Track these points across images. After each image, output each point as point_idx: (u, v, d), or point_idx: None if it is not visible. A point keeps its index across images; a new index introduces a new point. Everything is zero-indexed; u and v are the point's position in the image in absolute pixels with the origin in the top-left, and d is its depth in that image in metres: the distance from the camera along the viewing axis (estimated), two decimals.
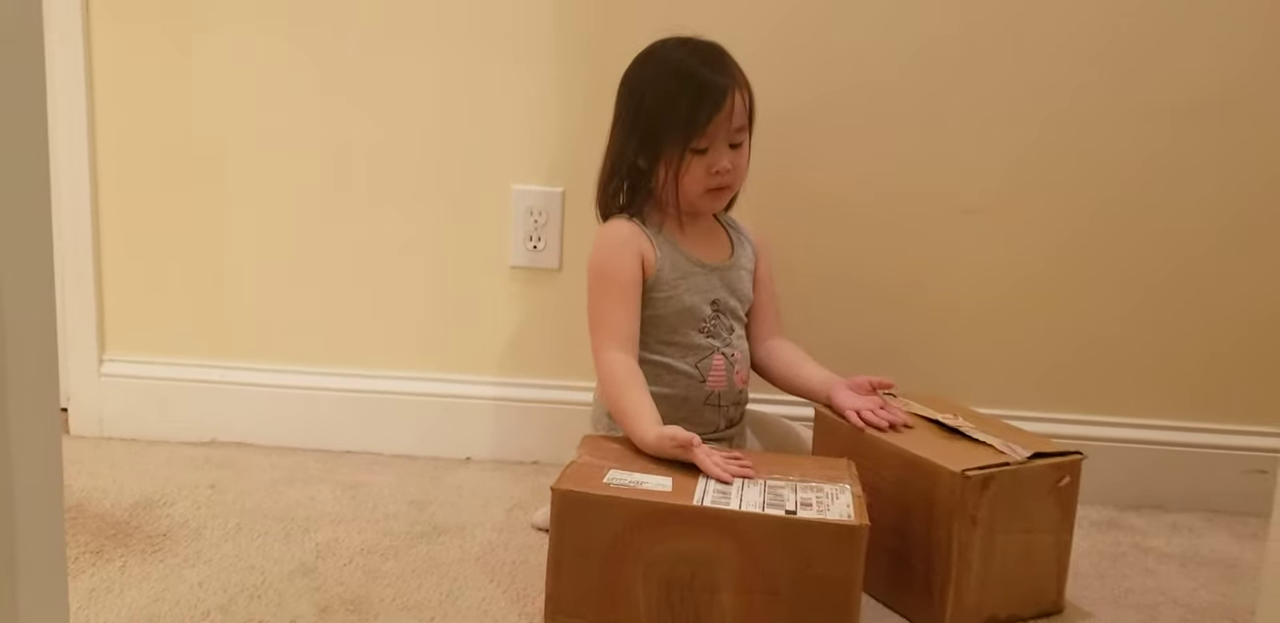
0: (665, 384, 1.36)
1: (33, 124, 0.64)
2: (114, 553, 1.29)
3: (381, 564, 1.29)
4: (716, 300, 1.39)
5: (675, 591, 1.09)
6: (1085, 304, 1.58)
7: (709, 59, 1.35)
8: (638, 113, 1.36)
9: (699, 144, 1.33)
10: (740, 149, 1.37)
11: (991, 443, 1.22)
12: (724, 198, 1.40)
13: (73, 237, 1.63)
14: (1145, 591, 1.33)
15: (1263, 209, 1.54)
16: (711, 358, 1.38)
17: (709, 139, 1.33)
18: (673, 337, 1.37)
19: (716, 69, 1.34)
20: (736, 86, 1.34)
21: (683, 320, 1.37)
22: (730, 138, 1.35)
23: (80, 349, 1.66)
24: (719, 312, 1.39)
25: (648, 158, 1.36)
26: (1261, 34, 1.50)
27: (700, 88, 1.32)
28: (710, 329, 1.38)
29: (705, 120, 1.32)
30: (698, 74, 1.33)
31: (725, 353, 1.38)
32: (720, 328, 1.39)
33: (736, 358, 1.40)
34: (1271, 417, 1.56)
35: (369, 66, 1.58)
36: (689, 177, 1.35)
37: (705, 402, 1.38)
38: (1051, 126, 1.54)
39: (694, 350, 1.37)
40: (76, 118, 1.60)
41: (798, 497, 1.10)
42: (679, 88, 1.33)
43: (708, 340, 1.38)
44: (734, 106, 1.33)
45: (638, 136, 1.36)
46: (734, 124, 1.34)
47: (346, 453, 1.65)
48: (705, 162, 1.34)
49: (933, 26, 1.52)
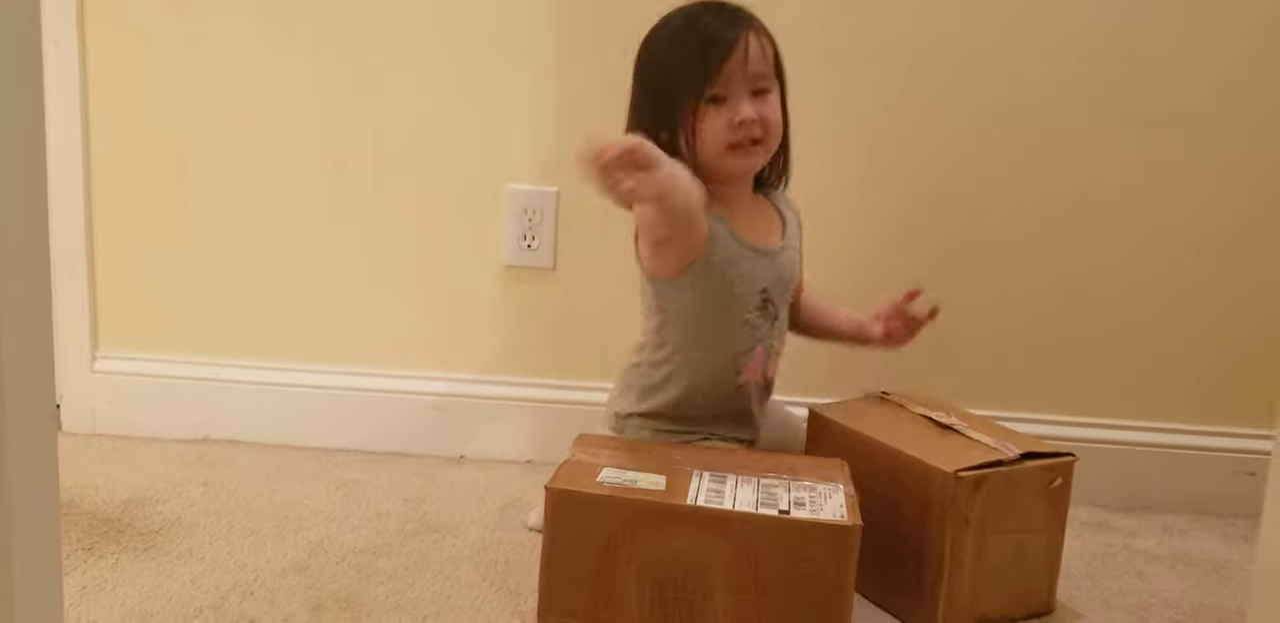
0: (699, 376, 1.28)
1: (29, 120, 0.64)
2: (106, 550, 1.29)
3: (374, 563, 1.29)
4: (766, 289, 1.28)
5: (668, 590, 1.09)
6: (1076, 306, 1.59)
7: (719, 10, 1.24)
8: (648, 75, 1.26)
9: (713, 91, 1.21)
10: (767, 99, 1.23)
11: (984, 441, 1.23)
12: (754, 156, 1.25)
13: (66, 233, 1.62)
14: (1136, 592, 1.33)
15: (1254, 213, 1.55)
16: (752, 352, 1.29)
17: (723, 85, 1.21)
18: (713, 327, 1.27)
19: (727, 17, 1.23)
20: (752, 31, 1.22)
21: (728, 310, 1.26)
22: (750, 84, 1.22)
23: (73, 345, 1.65)
24: (767, 302, 1.28)
25: (666, 124, 1.23)
26: (1259, 42, 1.50)
27: (709, 34, 1.21)
28: (754, 321, 1.28)
29: (717, 64, 1.19)
30: (706, 22, 1.22)
31: (766, 345, 1.30)
32: (765, 319, 1.29)
33: (775, 348, 1.32)
34: (1261, 419, 1.57)
35: (363, 64, 1.58)
36: (707, 132, 1.21)
37: (736, 391, 1.30)
38: (1045, 130, 1.54)
39: (733, 343, 1.27)
40: (70, 114, 1.59)
41: (791, 496, 1.11)
42: (687, 37, 1.23)
43: (751, 333, 1.28)
44: (749, 50, 1.21)
45: (651, 101, 1.25)
46: (751, 69, 1.21)
47: (340, 451, 1.65)
48: (724, 112, 1.21)
49: (927, 27, 1.52)
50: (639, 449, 1.23)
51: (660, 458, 1.19)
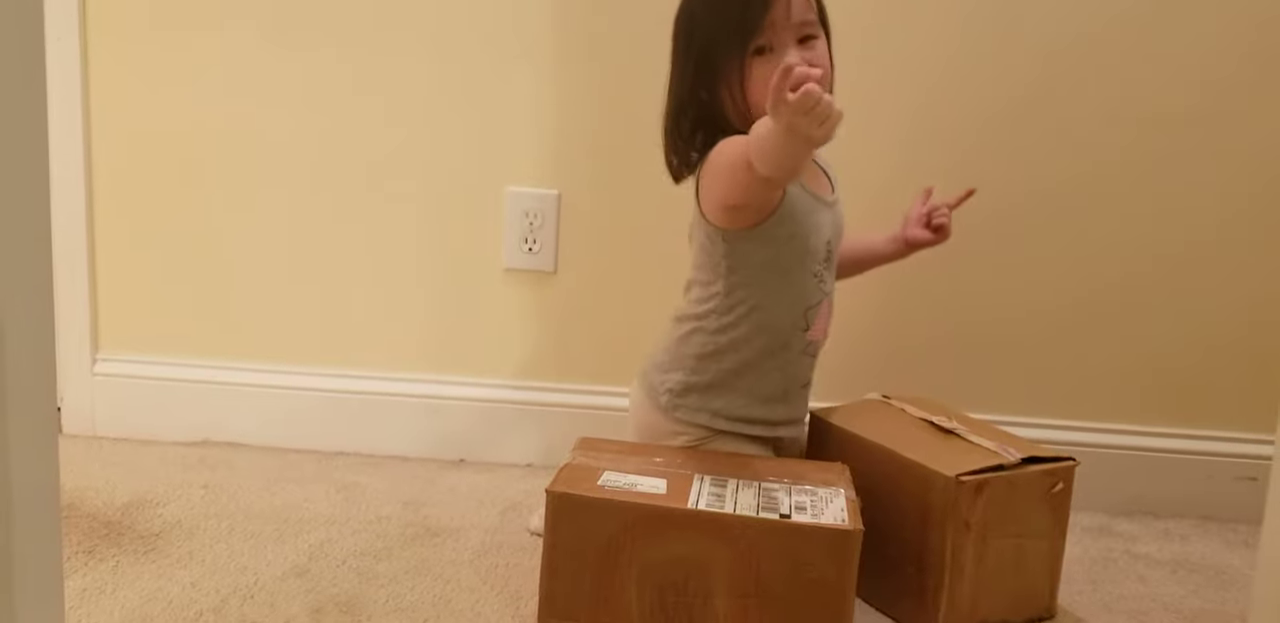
0: (769, 330, 1.24)
1: (32, 122, 0.64)
2: (106, 553, 1.29)
3: (375, 566, 1.29)
4: (830, 241, 1.27)
5: (669, 594, 1.09)
6: (1077, 311, 1.59)
7: None
8: (690, 36, 1.23)
9: (760, 41, 1.18)
10: (814, 46, 1.21)
11: (986, 445, 1.23)
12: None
13: (67, 235, 1.62)
14: (1137, 597, 1.33)
15: (1254, 216, 1.55)
16: (819, 306, 1.27)
17: (768, 36, 1.18)
18: (787, 281, 1.24)
19: None
20: None
21: (801, 263, 1.24)
22: (796, 32, 1.19)
23: (73, 348, 1.65)
24: (830, 254, 1.27)
25: (710, 84, 1.21)
26: (1249, 44, 1.50)
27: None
28: (821, 273, 1.26)
29: (760, 14, 1.17)
30: None
31: (830, 298, 1.29)
32: (829, 271, 1.27)
33: (833, 305, 1.31)
34: (1263, 424, 1.57)
35: (364, 67, 1.58)
36: (756, 85, 1.18)
37: (804, 351, 1.27)
38: (1040, 133, 1.54)
39: (804, 297, 1.25)
40: (71, 116, 1.59)
41: (792, 500, 1.11)
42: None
43: (819, 285, 1.26)
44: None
45: (693, 61, 1.22)
46: (795, 17, 1.19)
47: (340, 454, 1.65)
48: (772, 61, 1.17)
49: (924, 30, 1.53)
50: (640, 452, 1.22)
51: (661, 462, 1.19)
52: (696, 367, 1.28)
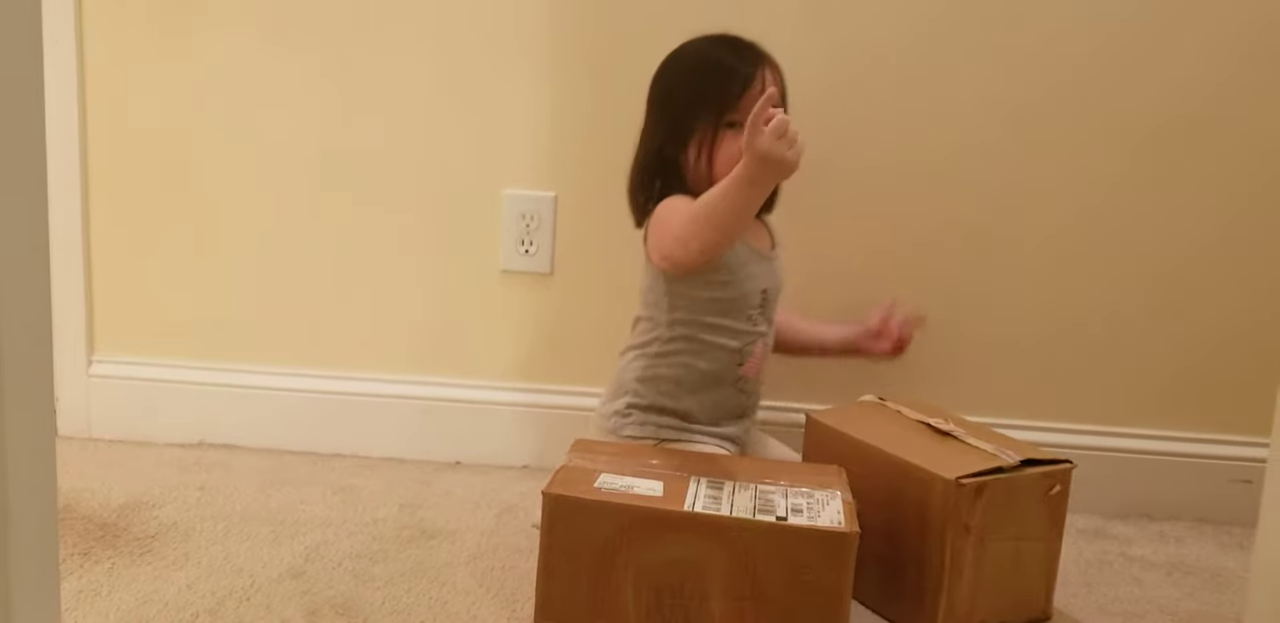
0: (705, 360, 1.35)
1: (30, 124, 0.64)
2: (102, 555, 1.29)
3: (371, 568, 1.29)
4: (766, 290, 1.38)
5: (665, 596, 1.09)
6: (1073, 313, 1.59)
7: (736, 46, 1.36)
8: (666, 101, 1.37)
9: (732, 117, 1.31)
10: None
11: (984, 447, 1.23)
12: None
13: (62, 237, 1.62)
14: (1132, 599, 1.34)
15: (1249, 221, 1.55)
16: (754, 345, 1.38)
17: (742, 112, 1.27)
18: (723, 320, 1.35)
19: (744, 52, 1.35)
20: (767, 65, 1.34)
21: (736, 306, 1.36)
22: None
23: (69, 350, 1.65)
24: (766, 301, 1.39)
25: (678, 143, 1.35)
26: (1244, 52, 1.50)
27: (729, 68, 1.33)
28: (755, 317, 1.37)
29: (738, 94, 1.31)
30: (725, 58, 1.34)
31: (765, 342, 1.39)
32: (764, 317, 1.39)
33: (769, 347, 1.41)
34: (1257, 427, 1.56)
35: (361, 68, 1.58)
36: (723, 153, 1.32)
37: (734, 384, 1.37)
38: (1038, 137, 1.55)
39: (740, 336, 1.36)
40: (67, 117, 1.59)
41: (788, 503, 1.11)
42: (708, 71, 1.35)
43: (753, 327, 1.37)
44: (765, 82, 1.32)
45: (666, 124, 1.36)
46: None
47: (336, 456, 1.65)
48: (739, 138, 1.24)
49: (917, 38, 1.53)
50: (637, 454, 1.22)
51: (657, 464, 1.19)
52: (639, 389, 1.37)
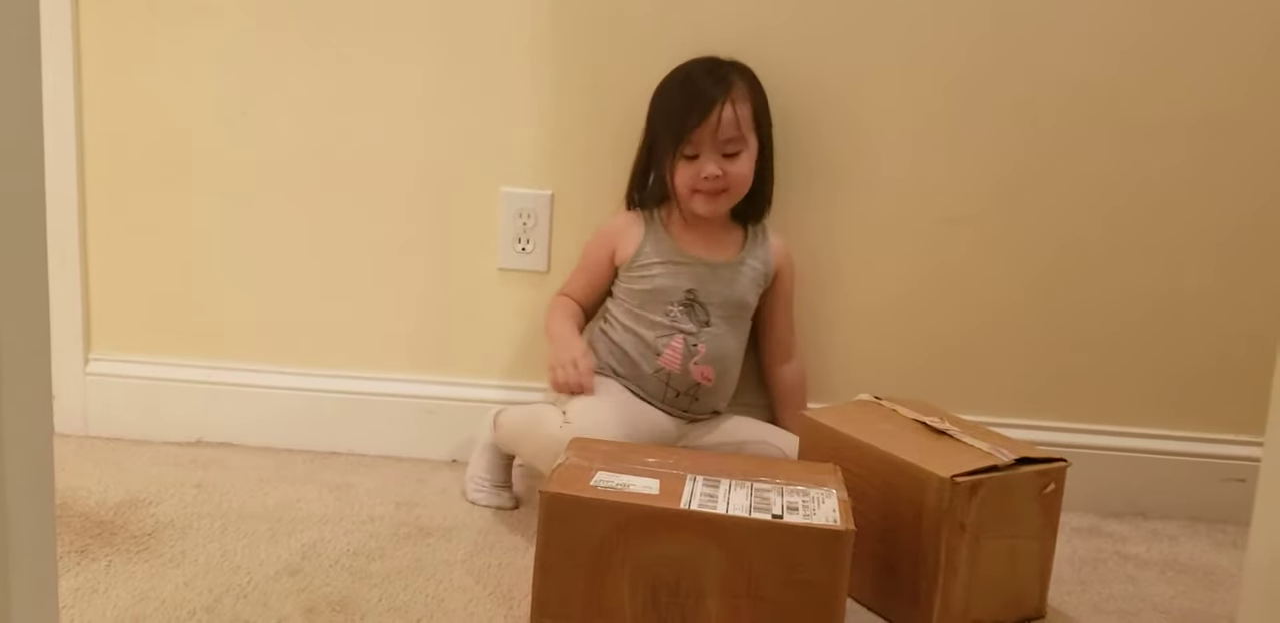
0: (626, 346, 1.49)
1: (27, 121, 0.64)
2: (99, 552, 1.29)
3: (367, 566, 1.30)
4: (692, 291, 1.48)
5: (661, 594, 1.09)
6: (1069, 314, 1.59)
7: (713, 70, 1.45)
8: (650, 117, 1.49)
9: (686, 151, 1.43)
10: (737, 159, 1.44)
11: (979, 446, 1.23)
12: (717, 203, 1.46)
13: (59, 234, 1.62)
14: (1126, 597, 1.34)
15: (1248, 224, 1.55)
16: (671, 338, 1.47)
17: (695, 147, 1.43)
18: (643, 311, 1.48)
19: (714, 81, 1.43)
20: (729, 100, 1.42)
21: (654, 299, 1.48)
22: (720, 148, 1.43)
23: (65, 347, 1.65)
24: (693, 302, 1.48)
25: (654, 158, 1.49)
26: (1264, 57, 1.51)
27: (691, 98, 1.43)
28: (676, 315, 1.47)
29: (690, 129, 1.42)
30: (693, 85, 1.44)
31: (687, 339, 1.47)
32: (690, 317, 1.47)
33: (700, 349, 1.47)
34: (1251, 426, 1.58)
35: (357, 66, 1.58)
36: (678, 179, 1.45)
37: (654, 372, 1.47)
38: (1041, 139, 1.55)
39: (656, 327, 1.48)
40: (64, 114, 1.59)
41: (784, 501, 1.11)
42: (676, 96, 1.46)
43: (671, 322, 1.47)
44: (720, 120, 1.41)
45: (648, 146, 1.50)
46: (721, 136, 1.42)
47: (333, 454, 1.65)
48: (694, 168, 1.44)
49: (937, 37, 1.53)
50: (633, 452, 1.23)
51: (654, 462, 1.19)
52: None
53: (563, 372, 1.40)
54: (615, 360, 1.49)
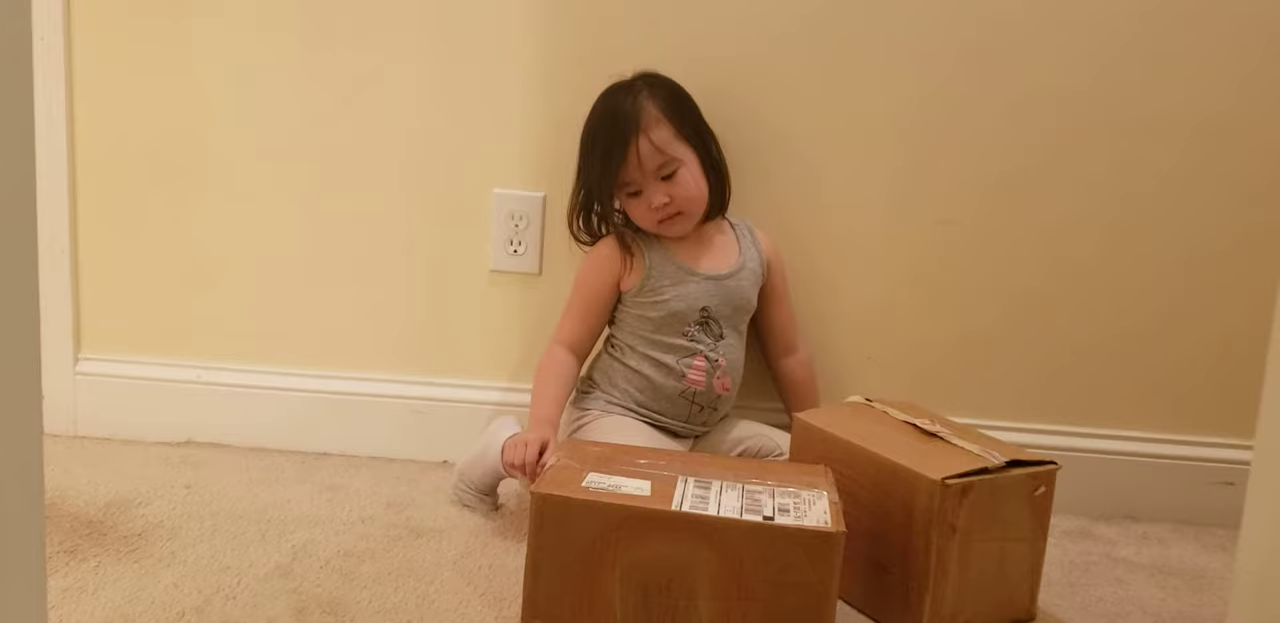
0: (646, 372, 1.47)
1: (17, 120, 0.64)
2: (88, 553, 1.28)
3: (358, 567, 1.29)
4: (706, 308, 1.47)
5: (652, 595, 1.09)
6: (1061, 317, 1.60)
7: (619, 103, 1.44)
8: (579, 163, 1.49)
9: (628, 190, 1.45)
10: (675, 178, 1.44)
11: (969, 448, 1.24)
12: (681, 222, 1.47)
13: (50, 234, 1.62)
14: (1115, 600, 1.34)
15: (1240, 227, 1.56)
16: (694, 358, 1.46)
17: (634, 184, 1.44)
18: (658, 336, 1.46)
19: (622, 118, 1.43)
20: (640, 132, 1.42)
21: (669, 323, 1.46)
22: (655, 175, 1.43)
23: (55, 347, 1.65)
24: (708, 319, 1.47)
25: (599, 196, 1.48)
26: (1259, 60, 1.51)
27: (607, 142, 1.43)
28: (694, 334, 1.46)
29: (615, 172, 1.43)
30: (604, 128, 1.44)
31: (708, 356, 1.46)
32: (707, 333, 1.47)
33: (721, 364, 1.47)
34: (1240, 430, 1.58)
35: (352, 68, 1.58)
36: (635, 214, 1.47)
37: (680, 395, 1.46)
38: (1035, 140, 1.55)
39: (676, 350, 1.46)
40: (55, 114, 1.59)
41: (775, 502, 1.11)
42: (593, 142, 1.46)
43: (691, 343, 1.46)
44: (639, 154, 1.41)
45: (584, 178, 1.48)
46: (648, 166, 1.43)
47: (324, 455, 1.65)
48: (643, 201, 1.45)
49: (931, 37, 1.53)
50: (625, 454, 1.23)
51: (645, 463, 1.19)
52: (600, 385, 1.50)
53: (513, 452, 1.35)
54: (635, 388, 1.47)
